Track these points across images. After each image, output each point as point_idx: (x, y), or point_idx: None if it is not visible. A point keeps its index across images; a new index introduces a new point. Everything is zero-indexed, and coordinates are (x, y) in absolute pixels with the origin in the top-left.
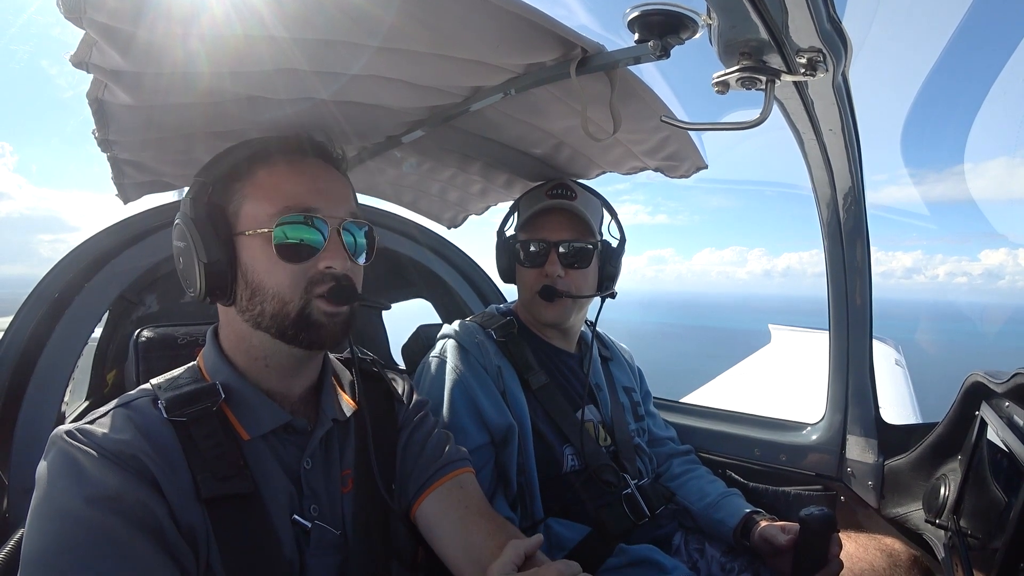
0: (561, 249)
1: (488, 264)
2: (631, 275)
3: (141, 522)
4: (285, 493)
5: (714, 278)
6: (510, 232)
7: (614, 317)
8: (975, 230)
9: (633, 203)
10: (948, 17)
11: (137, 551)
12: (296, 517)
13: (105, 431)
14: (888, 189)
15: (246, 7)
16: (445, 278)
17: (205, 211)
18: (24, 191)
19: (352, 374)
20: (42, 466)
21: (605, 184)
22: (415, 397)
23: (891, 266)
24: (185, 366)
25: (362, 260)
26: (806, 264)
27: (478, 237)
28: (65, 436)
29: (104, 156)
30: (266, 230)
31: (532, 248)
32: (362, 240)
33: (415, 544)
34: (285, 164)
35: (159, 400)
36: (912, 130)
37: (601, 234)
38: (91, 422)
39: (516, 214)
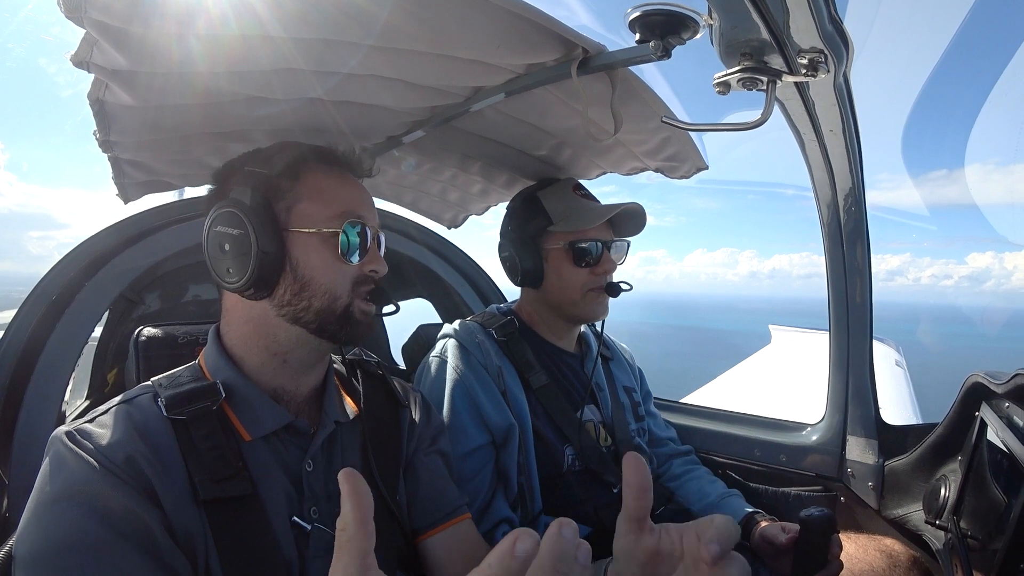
0: (615, 246)
1: (488, 264)
2: (622, 276)
3: (134, 534)
4: (285, 495)
5: (703, 280)
6: (521, 232)
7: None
8: (953, 234)
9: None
10: (945, 24)
11: (126, 564)
12: (296, 519)
13: (103, 432)
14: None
15: (244, 6)
16: (445, 278)
17: (263, 202)
18: (14, 188)
19: (356, 377)
20: (43, 466)
21: (594, 187)
22: (432, 417)
23: (877, 268)
24: (186, 365)
25: None
26: (795, 265)
27: (478, 237)
28: (64, 438)
29: (98, 154)
30: (331, 230)
31: (590, 247)
32: (384, 246)
33: (415, 549)
34: (337, 172)
35: (159, 397)
36: (908, 134)
37: None
38: (90, 420)
39: (541, 215)
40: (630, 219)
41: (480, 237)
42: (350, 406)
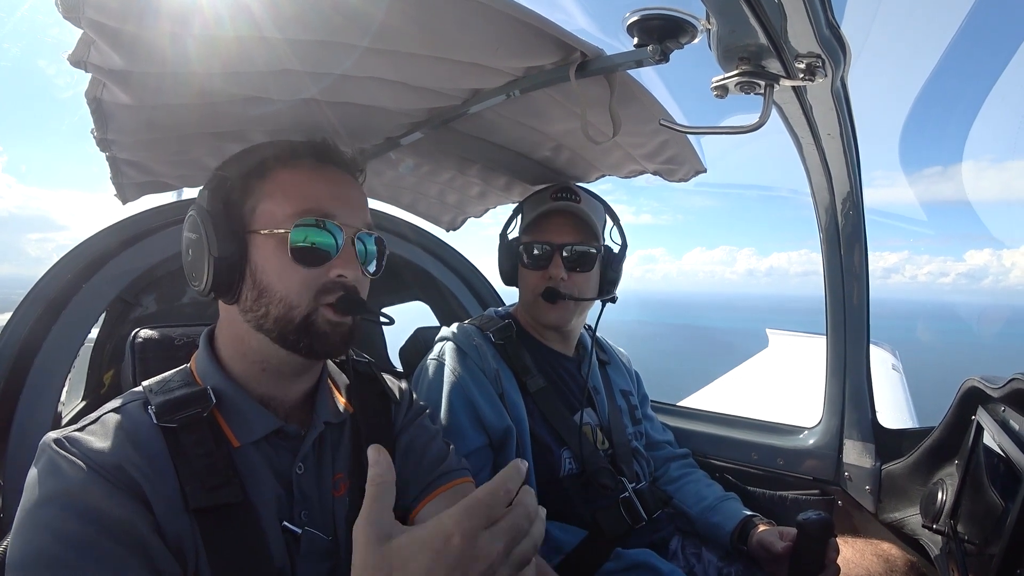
0: (565, 252)
1: (487, 267)
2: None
3: (125, 537)
4: (275, 499)
5: (701, 278)
6: (513, 235)
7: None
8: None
9: (617, 203)
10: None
11: (118, 567)
12: (286, 523)
13: (93, 440)
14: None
15: (239, 7)
16: (442, 280)
17: (222, 205)
18: (13, 190)
19: (348, 376)
20: (31, 473)
21: (591, 188)
22: (415, 402)
23: (875, 265)
24: (177, 369)
25: (371, 270)
26: (793, 263)
27: (476, 237)
28: (53, 444)
29: (97, 156)
30: (282, 231)
31: (536, 250)
32: (373, 249)
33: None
34: (308, 167)
35: (149, 404)
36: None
37: (603, 239)
38: (80, 429)
39: (520, 217)
40: (557, 219)
41: (478, 237)
42: (344, 406)
